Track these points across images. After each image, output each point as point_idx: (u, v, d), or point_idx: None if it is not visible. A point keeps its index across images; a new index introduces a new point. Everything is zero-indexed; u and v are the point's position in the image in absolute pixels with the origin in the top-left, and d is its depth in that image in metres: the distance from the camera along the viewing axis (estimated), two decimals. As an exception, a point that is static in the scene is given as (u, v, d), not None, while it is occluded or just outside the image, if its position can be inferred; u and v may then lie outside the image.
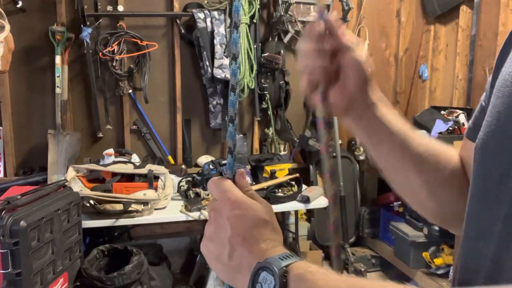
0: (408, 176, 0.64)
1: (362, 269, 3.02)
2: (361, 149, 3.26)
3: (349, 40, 0.59)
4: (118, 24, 2.82)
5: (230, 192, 0.52)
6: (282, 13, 2.94)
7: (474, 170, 0.51)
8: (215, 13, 2.84)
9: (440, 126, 2.98)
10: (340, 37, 0.58)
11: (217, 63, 2.81)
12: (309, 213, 3.24)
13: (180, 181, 2.51)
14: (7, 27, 2.22)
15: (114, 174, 2.36)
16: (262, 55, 2.98)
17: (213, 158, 2.91)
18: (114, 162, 2.49)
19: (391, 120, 0.63)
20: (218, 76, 2.81)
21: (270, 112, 3.12)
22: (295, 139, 3.10)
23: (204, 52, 2.83)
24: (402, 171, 0.64)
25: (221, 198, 0.53)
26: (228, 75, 2.82)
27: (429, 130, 2.97)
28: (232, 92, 0.55)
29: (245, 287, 0.47)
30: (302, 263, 0.46)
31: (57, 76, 2.63)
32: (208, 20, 2.82)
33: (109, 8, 2.78)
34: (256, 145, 3.25)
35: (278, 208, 2.40)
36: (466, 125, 0.66)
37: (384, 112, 0.63)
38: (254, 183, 2.59)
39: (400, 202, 3.10)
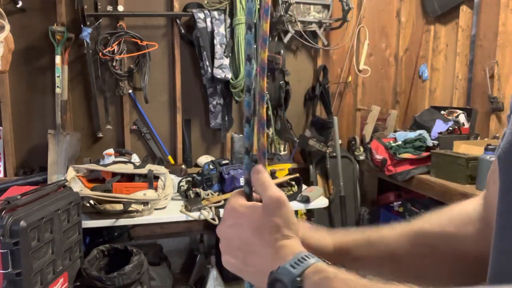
0: (417, 278, 0.59)
1: (362, 269, 3.02)
2: (361, 149, 3.26)
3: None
4: (118, 24, 2.82)
5: (229, 203, 0.53)
6: (282, 13, 2.94)
7: (500, 183, 0.48)
8: (215, 13, 2.84)
9: (440, 126, 2.98)
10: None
11: (217, 63, 2.81)
12: (309, 213, 3.24)
13: (180, 181, 2.51)
14: (7, 27, 2.21)
15: (114, 174, 2.36)
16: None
17: (213, 158, 2.91)
18: (114, 162, 2.49)
19: (369, 252, 0.59)
20: (218, 76, 2.81)
21: (270, 112, 3.12)
22: (295, 139, 3.10)
23: (204, 52, 2.83)
24: (413, 279, 0.62)
25: (225, 211, 0.54)
26: (228, 75, 2.83)
27: (429, 130, 2.97)
28: (247, 93, 0.56)
29: None
30: (318, 267, 0.44)
31: (57, 76, 2.63)
32: (208, 20, 2.82)
33: (109, 8, 2.78)
34: (256, 145, 3.25)
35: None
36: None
37: (359, 253, 0.59)
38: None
39: (400, 202, 3.10)
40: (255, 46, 0.58)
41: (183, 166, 2.82)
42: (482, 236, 0.58)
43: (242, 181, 0.58)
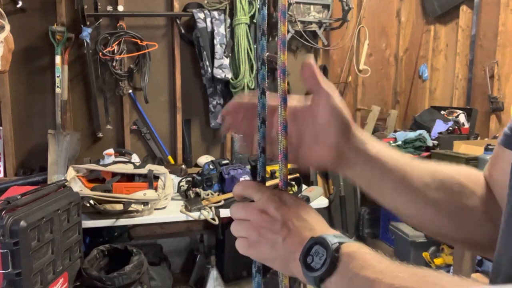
0: (422, 211, 0.58)
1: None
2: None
3: (326, 86, 0.54)
4: (118, 24, 2.82)
5: (265, 189, 0.55)
6: (282, 13, 2.94)
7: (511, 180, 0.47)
8: (215, 13, 2.84)
9: (440, 126, 2.98)
10: (318, 83, 0.54)
11: (217, 63, 2.81)
12: (309, 213, 3.24)
13: (180, 181, 2.51)
14: (7, 27, 2.22)
15: (114, 174, 2.36)
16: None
17: (213, 158, 2.91)
18: (114, 162, 2.49)
19: (387, 157, 0.57)
20: (218, 76, 2.81)
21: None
22: (295, 139, 3.10)
23: (204, 52, 2.83)
24: (414, 207, 0.58)
25: (260, 197, 0.54)
26: (228, 75, 2.83)
27: (429, 130, 2.97)
28: (263, 95, 0.58)
29: (299, 266, 0.48)
30: (356, 243, 0.47)
31: (57, 76, 2.63)
32: (208, 20, 2.82)
33: (109, 8, 2.78)
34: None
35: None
36: (501, 133, 0.58)
37: (376, 148, 0.57)
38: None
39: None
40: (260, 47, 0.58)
41: (183, 166, 2.82)
42: (486, 203, 0.57)
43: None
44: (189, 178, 2.52)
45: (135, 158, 2.78)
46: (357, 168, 0.57)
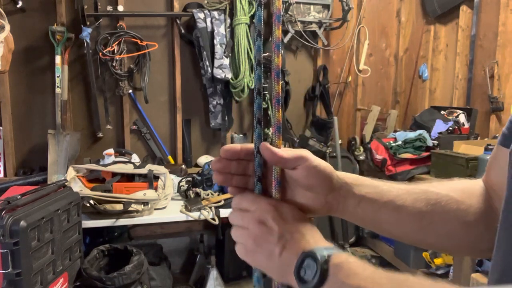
0: (421, 236, 0.60)
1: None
2: (361, 149, 3.26)
3: (293, 154, 0.56)
4: (118, 24, 2.82)
5: (262, 199, 0.56)
6: (282, 13, 2.94)
7: (509, 177, 0.48)
8: (215, 13, 2.84)
9: (440, 126, 2.98)
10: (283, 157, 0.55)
11: (217, 63, 2.81)
12: (309, 213, 3.23)
13: (180, 181, 2.51)
14: (7, 27, 2.22)
15: (114, 174, 2.36)
16: (262, 55, 2.97)
17: (213, 158, 2.90)
18: (114, 162, 2.49)
19: (375, 195, 0.58)
20: (218, 76, 2.81)
21: (270, 112, 3.11)
22: (295, 139, 3.10)
23: (204, 52, 2.83)
24: (413, 235, 0.60)
25: (257, 207, 0.55)
26: (228, 75, 2.83)
27: (429, 130, 2.97)
28: (258, 96, 0.59)
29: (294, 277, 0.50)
30: (344, 254, 0.49)
31: (57, 76, 2.63)
32: (208, 20, 2.82)
33: (109, 8, 2.78)
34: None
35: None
36: (500, 133, 0.59)
37: (362, 191, 0.58)
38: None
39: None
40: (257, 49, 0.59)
41: (183, 166, 2.82)
42: (485, 213, 0.59)
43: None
44: (189, 178, 2.52)
45: (135, 158, 2.78)
46: (348, 212, 0.59)
